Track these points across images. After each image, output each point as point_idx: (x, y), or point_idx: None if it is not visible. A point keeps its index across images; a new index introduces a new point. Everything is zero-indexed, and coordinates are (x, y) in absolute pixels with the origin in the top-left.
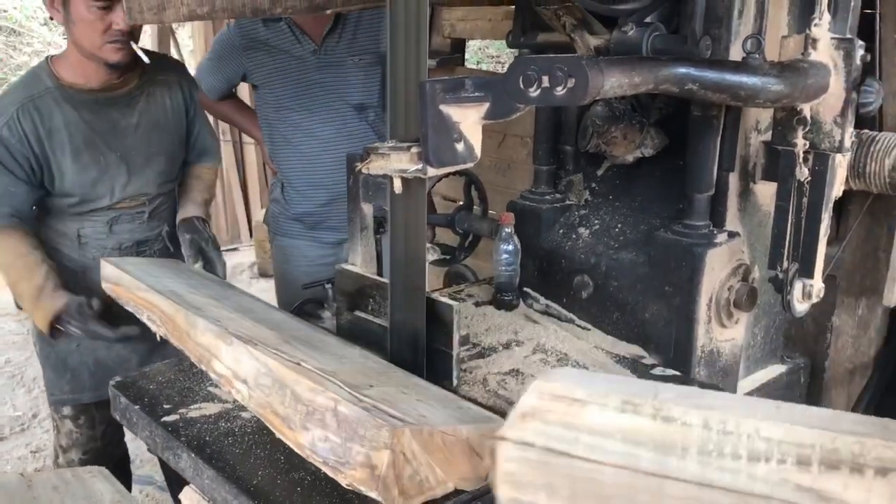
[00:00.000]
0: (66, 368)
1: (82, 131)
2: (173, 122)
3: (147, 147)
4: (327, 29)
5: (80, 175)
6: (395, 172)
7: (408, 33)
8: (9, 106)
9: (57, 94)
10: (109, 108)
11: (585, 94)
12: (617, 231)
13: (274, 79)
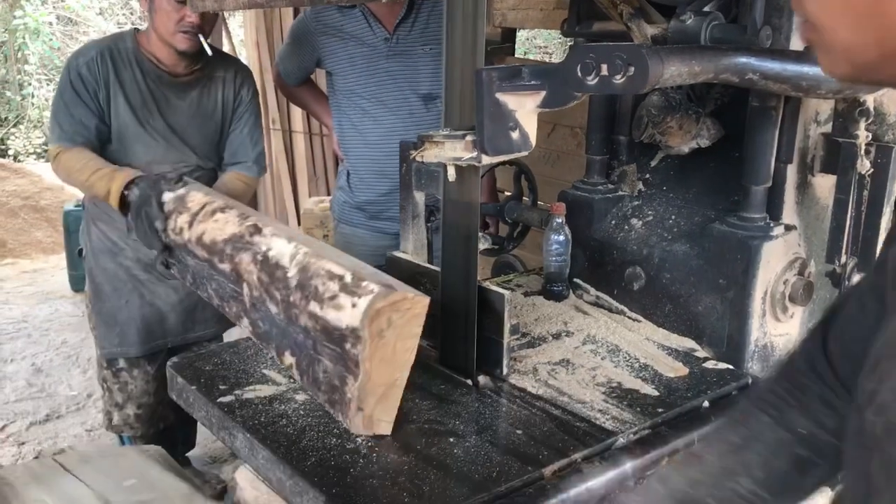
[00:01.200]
0: (116, 323)
1: (142, 92)
2: (220, 115)
3: (190, 128)
4: (400, 17)
5: (131, 126)
6: (449, 160)
7: (465, 21)
8: (92, 49)
9: (132, 56)
10: (168, 86)
11: (645, 83)
12: (671, 222)
13: (345, 65)
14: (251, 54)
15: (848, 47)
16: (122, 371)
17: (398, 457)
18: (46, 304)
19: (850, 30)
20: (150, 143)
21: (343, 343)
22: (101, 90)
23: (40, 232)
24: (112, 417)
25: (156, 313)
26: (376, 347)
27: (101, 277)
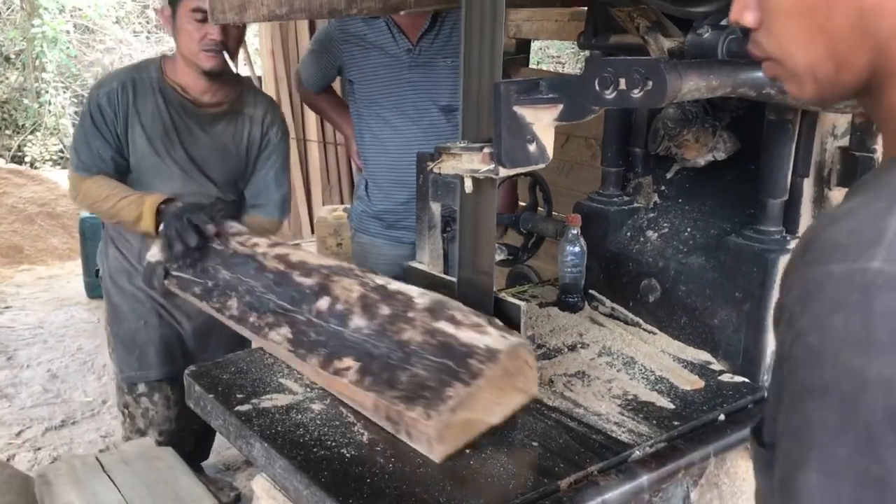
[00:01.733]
0: (135, 345)
1: (164, 122)
2: (244, 152)
3: (211, 162)
4: (423, 29)
5: (151, 157)
6: (466, 172)
7: (483, 34)
8: (113, 80)
9: (156, 85)
10: (192, 116)
11: (663, 97)
12: (686, 235)
13: (367, 74)
14: (266, 63)
15: (807, 67)
16: (143, 396)
17: (414, 468)
18: (62, 310)
19: (804, 50)
20: (168, 175)
21: (467, 358)
22: (120, 123)
23: (56, 238)
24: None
25: (175, 335)
26: (497, 378)
27: (119, 298)
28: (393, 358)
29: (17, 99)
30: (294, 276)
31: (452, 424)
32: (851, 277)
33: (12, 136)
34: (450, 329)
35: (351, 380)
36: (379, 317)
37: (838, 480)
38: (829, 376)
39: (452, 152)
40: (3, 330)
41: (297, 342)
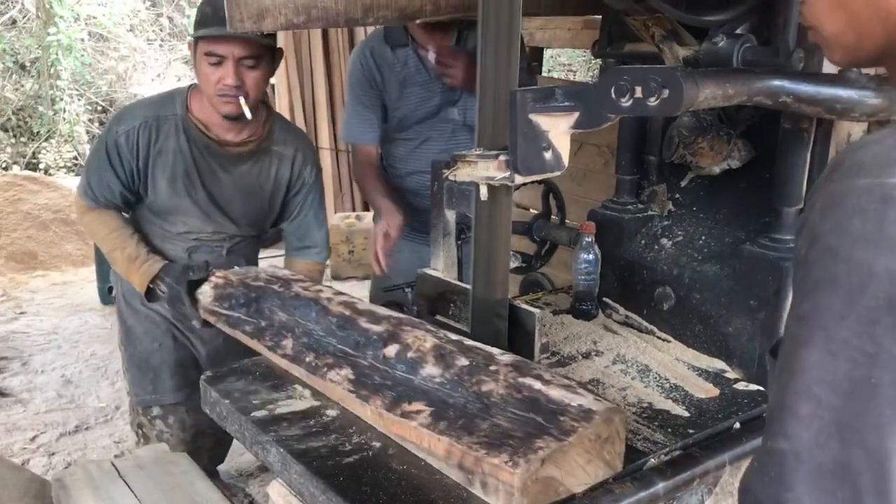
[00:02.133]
0: (149, 368)
1: (185, 162)
2: (269, 193)
3: (233, 203)
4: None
5: (170, 198)
6: (481, 180)
7: (499, 42)
8: (136, 118)
9: (180, 123)
10: (216, 156)
11: (680, 106)
12: (701, 243)
13: (400, 101)
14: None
15: (834, 36)
16: (157, 419)
17: (430, 475)
18: (76, 316)
19: (829, 21)
20: (188, 214)
21: (558, 416)
22: (139, 162)
23: (70, 245)
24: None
25: (189, 358)
26: (589, 440)
27: (133, 320)
28: (471, 408)
29: (32, 106)
30: (360, 321)
31: (538, 478)
32: (871, 190)
33: (27, 143)
34: (537, 385)
35: (422, 423)
36: (455, 367)
37: (836, 358)
38: (842, 269)
39: (468, 160)
40: (18, 335)
41: (359, 384)
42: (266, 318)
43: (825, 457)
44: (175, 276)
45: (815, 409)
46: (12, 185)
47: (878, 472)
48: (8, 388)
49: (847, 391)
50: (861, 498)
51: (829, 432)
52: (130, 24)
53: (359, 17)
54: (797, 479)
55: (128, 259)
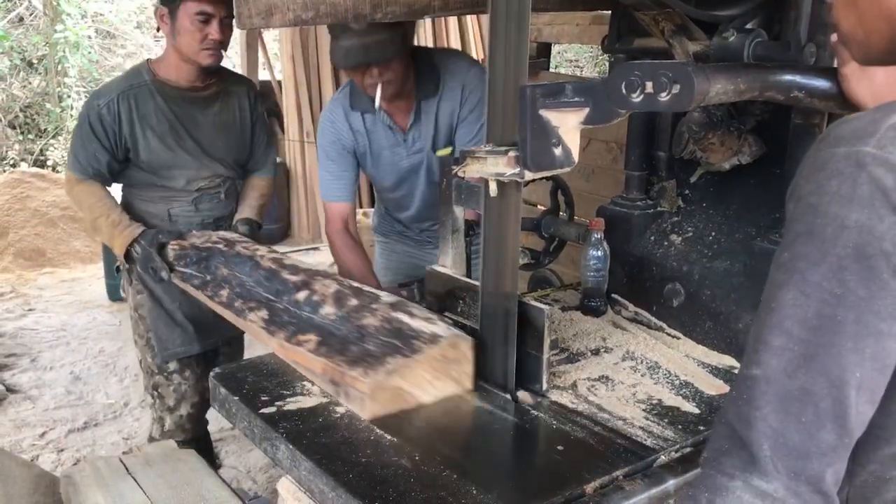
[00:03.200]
0: (176, 323)
1: (169, 119)
2: (240, 125)
3: (217, 140)
4: (412, 119)
5: (164, 153)
6: (491, 176)
7: (508, 37)
8: (113, 91)
9: (152, 87)
10: (192, 104)
11: (691, 101)
12: (710, 239)
13: (373, 163)
14: (286, 67)
15: (849, 32)
16: (175, 374)
17: (440, 471)
18: (84, 312)
19: (845, 19)
20: (183, 165)
21: (412, 340)
22: (124, 130)
23: (78, 242)
24: (164, 423)
25: (205, 313)
26: (433, 360)
27: (153, 283)
28: (350, 337)
29: (39, 103)
30: (283, 274)
31: (385, 387)
32: (848, 156)
33: (35, 140)
34: (405, 318)
35: (308, 349)
36: (347, 307)
37: (808, 298)
38: (819, 222)
39: (477, 156)
40: (27, 332)
41: (270, 322)
42: (211, 273)
43: (792, 384)
44: (148, 239)
45: (786, 342)
46: (20, 182)
47: (837, 398)
48: (17, 385)
49: (815, 327)
50: (822, 420)
51: (797, 363)
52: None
53: (367, 13)
54: (766, 401)
55: (111, 225)
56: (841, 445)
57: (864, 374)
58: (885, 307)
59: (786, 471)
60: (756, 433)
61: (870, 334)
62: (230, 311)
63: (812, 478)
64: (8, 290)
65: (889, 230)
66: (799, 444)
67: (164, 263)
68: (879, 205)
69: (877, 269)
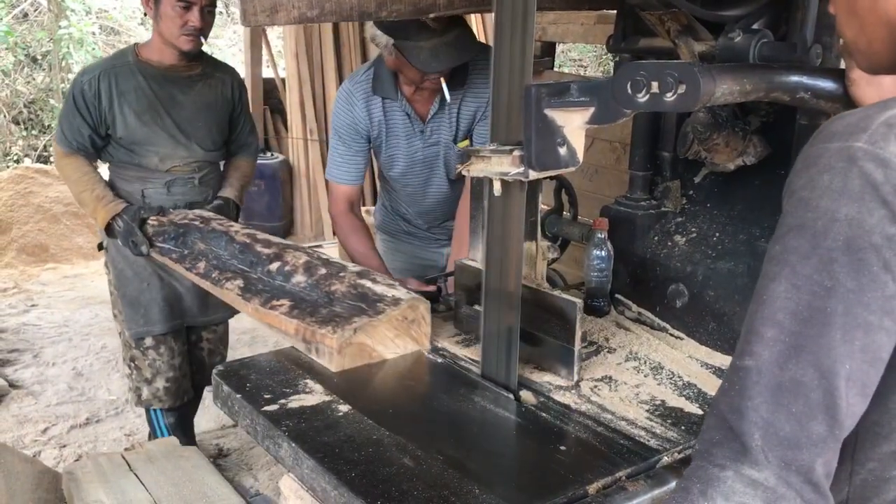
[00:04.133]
0: (140, 304)
1: (148, 97)
2: (220, 108)
3: (196, 120)
4: (434, 109)
5: (141, 129)
6: (495, 175)
7: (513, 36)
8: (95, 69)
9: (134, 67)
10: (172, 84)
11: (697, 101)
12: (715, 240)
13: (387, 151)
14: (290, 65)
15: (852, 41)
16: (150, 349)
17: (442, 470)
18: (87, 308)
19: (847, 28)
20: (159, 143)
21: (376, 303)
22: (104, 105)
23: (81, 238)
24: (141, 393)
25: (174, 294)
26: (395, 320)
27: (123, 264)
28: (320, 301)
29: (43, 99)
30: (256, 247)
31: (352, 343)
32: (840, 152)
33: (38, 135)
34: (369, 284)
35: (282, 312)
36: (317, 275)
37: (799, 290)
38: (810, 216)
39: (482, 155)
40: (30, 328)
41: (246, 290)
42: (189, 247)
43: (783, 375)
44: (130, 214)
45: (777, 334)
46: (24, 177)
47: (827, 389)
48: (19, 381)
49: (806, 319)
50: (812, 411)
51: (788, 354)
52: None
53: (372, 11)
54: (756, 392)
55: (96, 199)
56: (831, 437)
57: (853, 365)
58: (875, 300)
59: (777, 461)
60: (747, 423)
61: (859, 326)
62: (208, 280)
63: (803, 468)
64: (11, 285)
65: (878, 223)
66: (790, 434)
67: (145, 238)
68: (869, 199)
69: (866, 261)
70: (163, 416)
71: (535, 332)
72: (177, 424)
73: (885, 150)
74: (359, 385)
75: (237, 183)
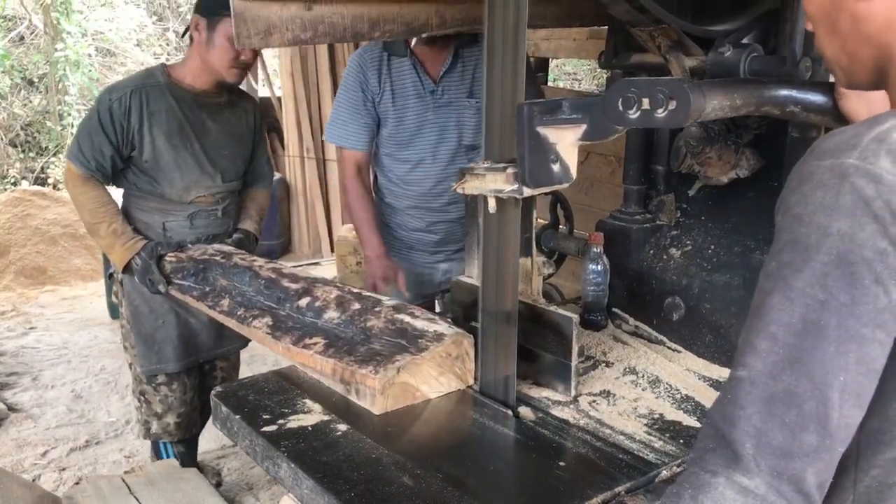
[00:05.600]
0: (154, 342)
1: (178, 119)
2: (245, 138)
3: (222, 148)
4: (445, 68)
5: (169, 153)
6: (490, 192)
7: (505, 55)
8: (126, 87)
9: (165, 88)
10: (202, 109)
11: (687, 117)
12: (710, 252)
13: (392, 113)
14: (286, 84)
15: (833, 59)
16: (162, 385)
17: (442, 488)
18: (86, 330)
19: (828, 47)
20: (185, 168)
21: (418, 339)
22: (134, 125)
23: (79, 259)
24: (150, 427)
25: (189, 331)
26: (439, 357)
27: (139, 300)
28: (356, 339)
29: (40, 121)
30: (283, 282)
31: (395, 384)
32: (832, 168)
33: (36, 158)
34: (408, 319)
35: (317, 351)
36: (350, 310)
37: (793, 303)
38: (803, 231)
39: (476, 172)
40: (28, 350)
41: (275, 328)
42: (210, 284)
43: (777, 386)
44: (147, 251)
45: (771, 345)
46: (21, 200)
47: (820, 400)
48: (18, 404)
49: (800, 331)
50: (805, 422)
51: (781, 365)
52: (137, 38)
53: (365, 32)
54: (750, 402)
55: (112, 234)
56: (823, 447)
57: (848, 377)
58: (867, 312)
59: (768, 469)
60: (739, 432)
61: (852, 339)
62: (233, 319)
63: (794, 477)
64: (9, 308)
65: (870, 238)
66: (782, 443)
67: (162, 276)
68: (861, 213)
69: (859, 275)
70: (171, 447)
71: (533, 348)
72: (185, 453)
73: (876, 166)
74: (357, 405)
75: (256, 215)
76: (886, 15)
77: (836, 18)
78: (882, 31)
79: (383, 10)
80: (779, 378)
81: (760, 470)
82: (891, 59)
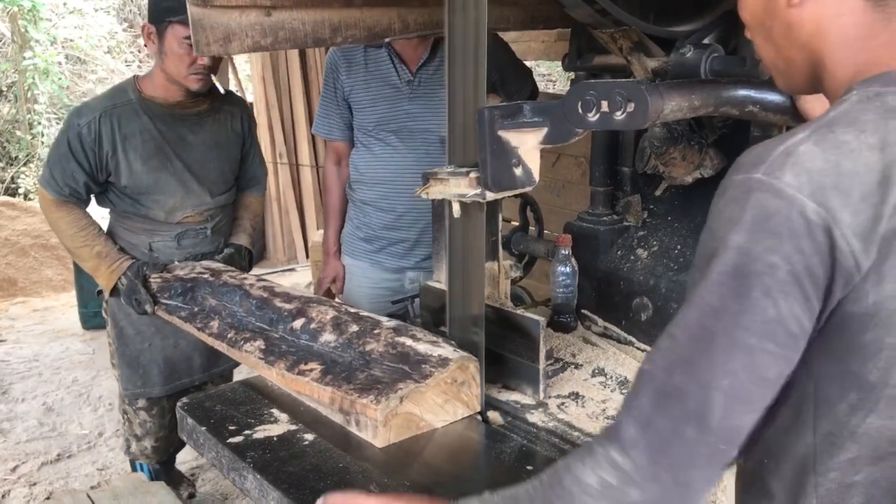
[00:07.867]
0: (139, 365)
1: (155, 139)
2: (232, 145)
3: (207, 161)
4: (423, 59)
5: (148, 176)
6: (454, 197)
7: (465, 60)
8: (95, 110)
9: (137, 106)
10: (180, 123)
11: (645, 119)
12: (676, 252)
13: (367, 103)
14: (258, 89)
15: (770, 63)
16: (142, 410)
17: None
18: (57, 342)
19: (765, 52)
20: (168, 191)
21: (421, 365)
22: (107, 151)
23: (50, 270)
24: (130, 445)
25: (179, 354)
26: (444, 384)
27: (125, 322)
28: (355, 364)
29: (9, 131)
30: (275, 302)
31: (398, 413)
32: (742, 183)
33: (5, 168)
34: (409, 342)
35: (313, 378)
36: (347, 333)
37: (692, 308)
38: (711, 244)
39: (440, 177)
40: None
41: (268, 352)
42: (199, 304)
43: (669, 381)
44: (133, 271)
45: (671, 345)
46: None
47: (702, 400)
48: None
49: (694, 335)
50: (687, 417)
51: (675, 364)
52: (108, 46)
53: (327, 38)
54: (644, 392)
55: (97, 256)
56: (702, 442)
57: (735, 383)
58: (754, 323)
59: (648, 454)
60: (629, 416)
61: (738, 347)
62: (223, 342)
63: (672, 465)
64: None
65: (763, 253)
66: (662, 431)
67: (149, 296)
68: (758, 229)
69: (749, 287)
70: (147, 466)
71: (501, 352)
72: (162, 470)
73: (780, 181)
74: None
75: (249, 227)
76: (816, 21)
77: (770, 26)
78: (813, 37)
79: (344, 15)
80: (671, 375)
81: (637, 451)
82: (823, 65)
